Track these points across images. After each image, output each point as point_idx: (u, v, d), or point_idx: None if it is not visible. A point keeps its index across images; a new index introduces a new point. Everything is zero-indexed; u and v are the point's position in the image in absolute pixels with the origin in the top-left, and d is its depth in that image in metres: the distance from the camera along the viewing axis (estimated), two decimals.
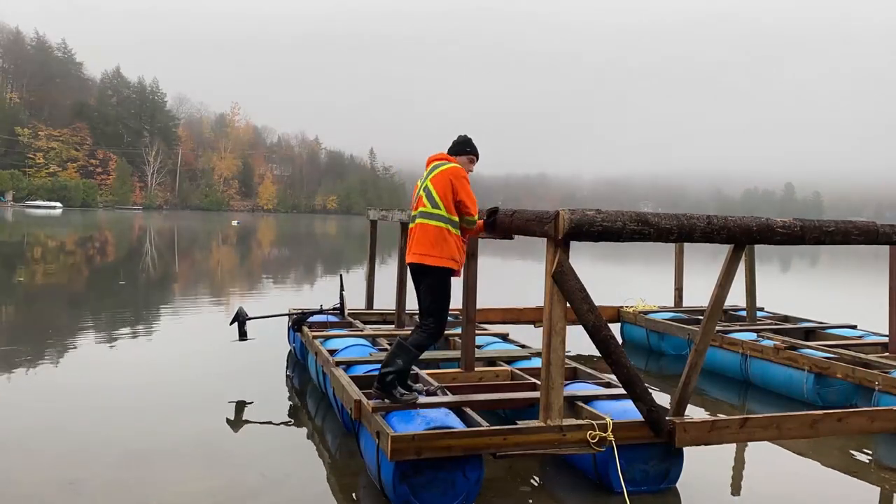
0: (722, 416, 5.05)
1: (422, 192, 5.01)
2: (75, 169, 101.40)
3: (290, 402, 7.02)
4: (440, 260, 4.86)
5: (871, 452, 5.93)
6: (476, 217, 5.01)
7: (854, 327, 9.11)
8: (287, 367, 8.38)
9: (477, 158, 5.32)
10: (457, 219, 4.92)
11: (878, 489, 5.15)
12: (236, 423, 6.26)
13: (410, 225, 5.14)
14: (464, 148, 5.24)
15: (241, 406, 6.72)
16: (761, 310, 10.23)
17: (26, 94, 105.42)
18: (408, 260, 5.07)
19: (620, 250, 31.24)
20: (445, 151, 5.27)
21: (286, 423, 6.33)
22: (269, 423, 6.27)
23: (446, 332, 7.77)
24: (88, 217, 66.88)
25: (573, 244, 4.56)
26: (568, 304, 4.56)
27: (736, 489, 5.16)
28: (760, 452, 5.74)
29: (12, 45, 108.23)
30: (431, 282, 4.91)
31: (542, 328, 4.73)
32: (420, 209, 4.98)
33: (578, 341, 6.27)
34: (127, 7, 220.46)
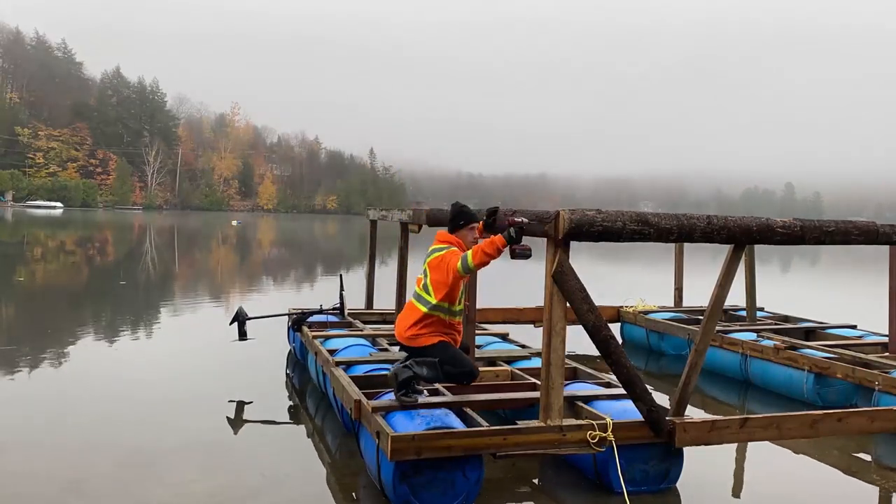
0: (722, 416, 5.05)
1: (421, 273, 5.02)
2: (75, 169, 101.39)
3: (290, 402, 7.02)
4: (426, 339, 4.88)
5: (871, 452, 5.93)
6: (461, 265, 4.69)
7: (854, 327, 9.11)
8: (287, 367, 8.38)
9: (476, 221, 5.08)
10: (445, 305, 4.86)
11: (878, 489, 5.15)
12: (236, 422, 6.26)
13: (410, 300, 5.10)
14: (458, 222, 5.10)
15: (241, 406, 6.72)
16: (761, 310, 10.23)
17: (26, 94, 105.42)
18: (396, 337, 5.10)
19: (620, 250, 31.23)
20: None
21: (286, 423, 6.33)
22: (269, 422, 6.27)
23: None
24: (89, 217, 66.89)
25: (573, 244, 4.56)
26: (568, 304, 4.56)
27: (736, 489, 5.16)
28: (760, 452, 5.74)
29: (12, 45, 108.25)
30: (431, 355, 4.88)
31: (542, 328, 4.73)
32: (417, 290, 5.00)
33: (578, 341, 6.27)
34: (127, 7, 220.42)
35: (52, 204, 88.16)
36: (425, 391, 5.15)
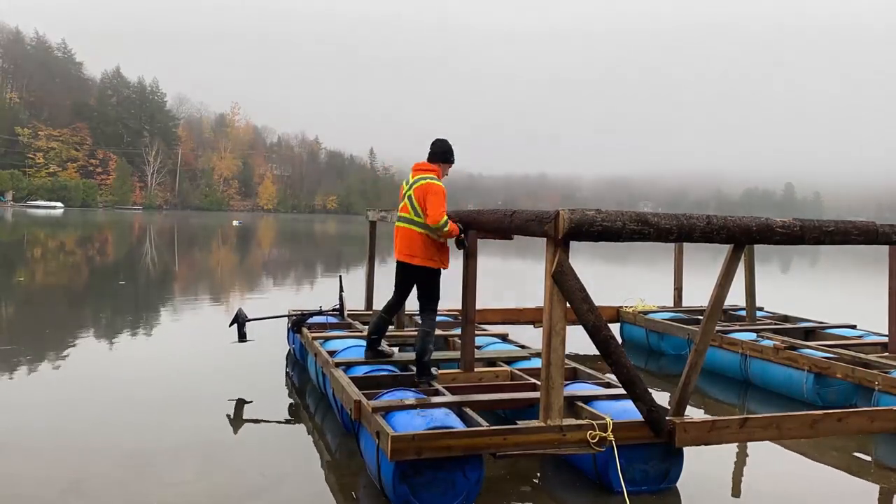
0: (722, 416, 5.05)
1: (406, 200, 5.83)
2: (75, 169, 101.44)
3: (290, 402, 7.02)
4: (423, 261, 5.77)
5: (871, 452, 5.93)
6: (439, 225, 5.58)
7: (854, 327, 9.10)
8: (287, 368, 8.38)
9: (453, 163, 6.07)
10: (447, 219, 5.65)
11: (878, 489, 5.15)
12: (236, 423, 6.26)
13: (396, 224, 5.98)
14: (443, 156, 6.01)
15: (240, 406, 6.72)
16: (761, 309, 10.23)
17: (26, 94, 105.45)
18: (396, 257, 5.93)
19: (620, 250, 31.25)
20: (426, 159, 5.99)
21: (286, 423, 6.33)
22: (269, 422, 6.27)
23: (446, 332, 7.84)
24: (89, 217, 66.88)
25: (573, 244, 4.56)
26: (568, 304, 4.55)
27: (736, 489, 5.16)
28: (760, 452, 5.74)
29: (12, 45, 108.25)
30: (424, 278, 5.85)
31: (541, 328, 4.73)
32: (404, 215, 5.84)
33: (578, 341, 6.27)
34: (127, 6, 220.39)
35: (53, 204, 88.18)
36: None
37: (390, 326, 6.54)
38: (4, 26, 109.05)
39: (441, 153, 5.99)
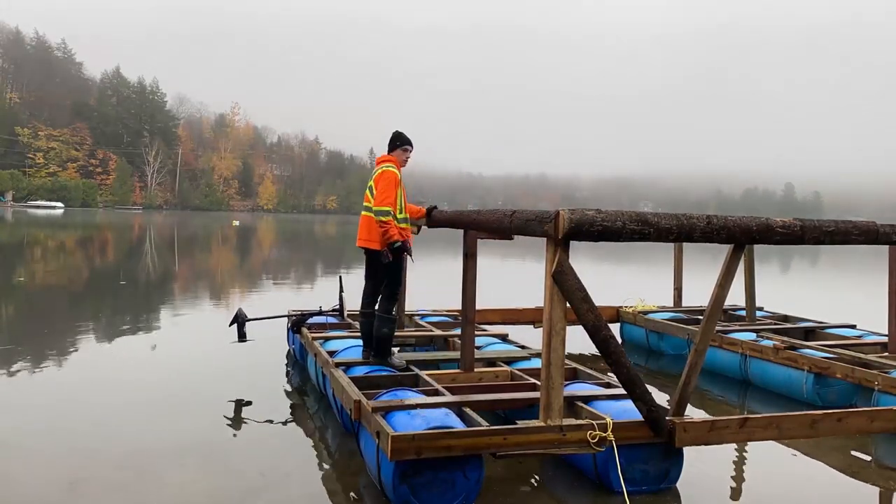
0: (722, 416, 5.05)
1: (368, 190, 6.17)
2: (75, 169, 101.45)
3: (290, 403, 7.02)
4: (379, 244, 5.99)
5: (871, 452, 5.93)
6: (380, 210, 5.88)
7: (853, 327, 9.10)
8: (287, 368, 8.38)
9: (410, 146, 6.38)
10: (391, 210, 5.91)
11: (878, 489, 5.15)
12: (236, 423, 6.26)
13: (362, 213, 6.28)
14: (395, 143, 6.33)
15: (240, 406, 6.72)
16: (761, 309, 10.22)
17: (26, 94, 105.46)
18: (357, 244, 6.27)
19: (620, 250, 31.23)
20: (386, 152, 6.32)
21: (286, 423, 6.33)
22: (269, 422, 6.27)
23: (446, 333, 7.84)
24: (89, 217, 66.88)
25: (573, 244, 4.56)
26: (568, 304, 4.55)
27: (736, 489, 5.16)
28: (760, 452, 5.74)
29: (12, 45, 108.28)
30: (384, 262, 6.04)
31: (541, 329, 4.73)
32: (366, 203, 6.17)
33: (578, 341, 6.27)
34: (127, 6, 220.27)
35: (53, 204, 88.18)
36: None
37: None
38: (4, 26, 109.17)
39: (391, 141, 6.36)
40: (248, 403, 6.80)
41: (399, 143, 6.33)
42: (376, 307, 6.22)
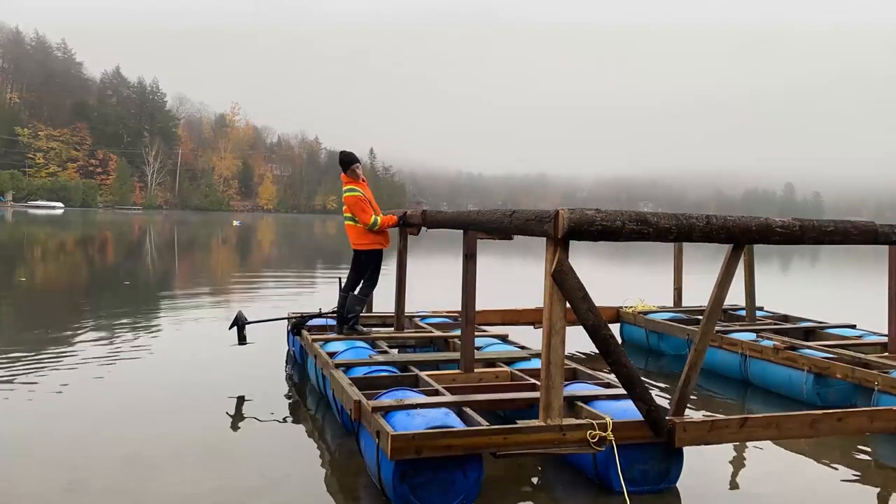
0: (722, 416, 5.05)
1: (344, 205, 7.51)
2: (75, 169, 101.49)
3: (290, 403, 7.02)
4: (367, 245, 7.54)
5: (871, 452, 5.93)
6: (370, 226, 7.38)
7: (853, 327, 9.10)
8: (286, 369, 8.38)
9: (358, 162, 7.64)
10: (376, 218, 7.41)
11: (878, 489, 5.15)
12: (236, 423, 6.26)
13: (345, 221, 7.63)
14: (346, 166, 7.57)
15: (240, 407, 6.72)
16: (761, 309, 10.22)
17: (26, 94, 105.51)
18: (352, 247, 7.66)
19: (620, 250, 31.23)
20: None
21: (286, 424, 6.33)
22: (269, 423, 6.27)
23: (446, 333, 7.85)
24: (89, 217, 66.86)
25: (573, 244, 4.56)
26: (568, 304, 4.55)
27: (736, 489, 5.16)
28: (760, 452, 5.75)
29: (12, 45, 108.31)
30: (368, 258, 7.58)
31: (541, 329, 4.73)
32: (346, 215, 7.55)
33: (578, 341, 6.27)
34: (127, 6, 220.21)
35: (53, 204, 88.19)
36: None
37: (389, 329, 6.83)
38: (4, 26, 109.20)
39: (342, 164, 7.63)
40: (249, 404, 6.80)
41: (349, 162, 7.54)
42: (356, 291, 7.61)
